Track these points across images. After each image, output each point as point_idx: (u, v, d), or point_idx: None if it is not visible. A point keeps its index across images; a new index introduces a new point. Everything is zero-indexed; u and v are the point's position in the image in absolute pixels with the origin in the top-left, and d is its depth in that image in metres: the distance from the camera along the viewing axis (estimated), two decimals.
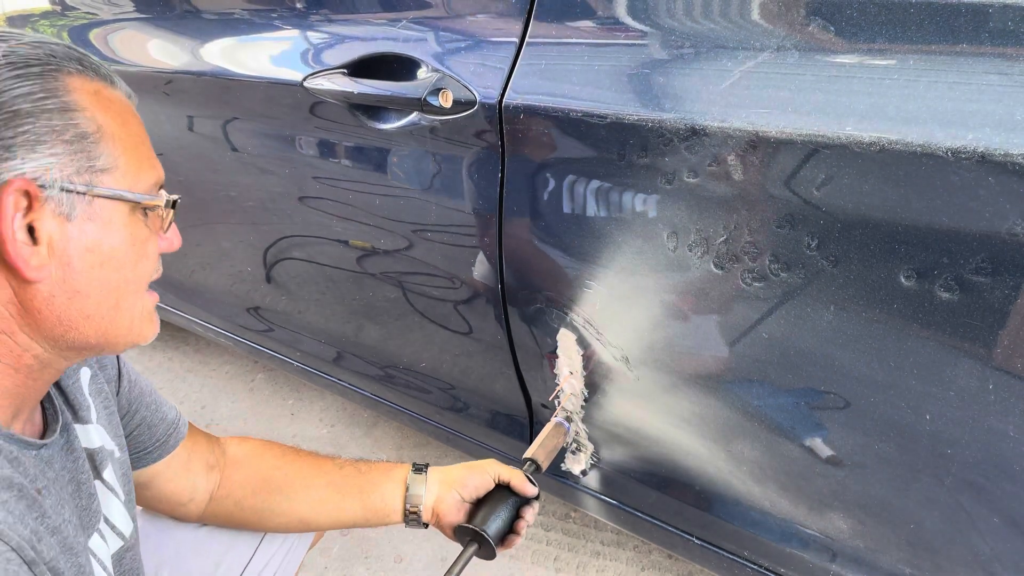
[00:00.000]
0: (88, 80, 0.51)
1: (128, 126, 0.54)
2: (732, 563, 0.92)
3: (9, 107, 0.46)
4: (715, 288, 0.69)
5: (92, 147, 0.50)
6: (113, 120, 0.52)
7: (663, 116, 0.65)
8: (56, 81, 0.49)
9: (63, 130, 0.48)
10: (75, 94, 0.50)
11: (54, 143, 0.48)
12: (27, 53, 0.48)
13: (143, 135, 0.56)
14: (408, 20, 0.87)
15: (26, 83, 0.47)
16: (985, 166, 0.51)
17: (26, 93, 0.47)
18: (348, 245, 1.07)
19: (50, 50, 0.50)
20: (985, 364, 0.57)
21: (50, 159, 0.48)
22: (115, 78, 0.55)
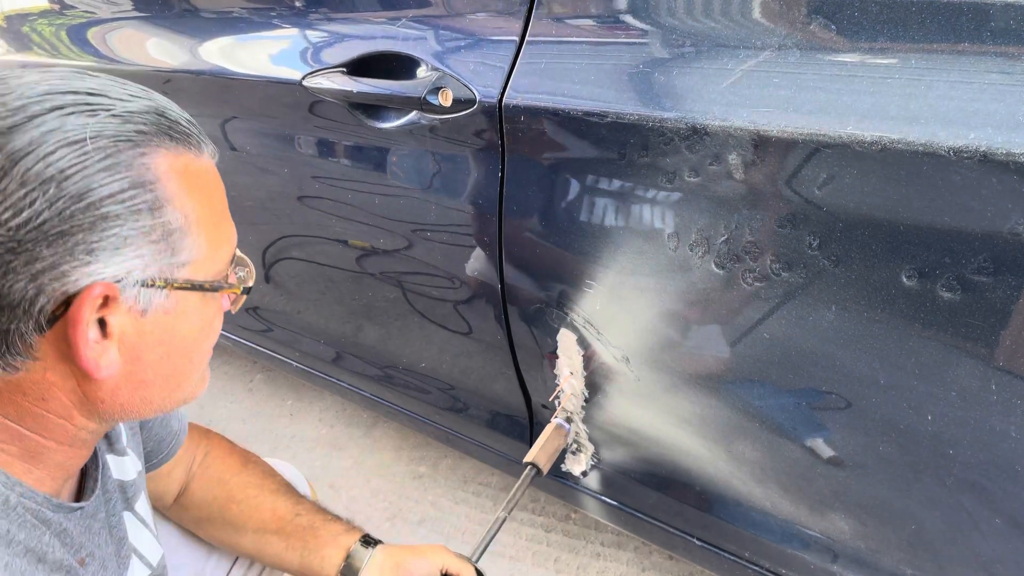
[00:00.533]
0: (177, 156, 0.47)
1: (212, 202, 0.50)
2: (733, 564, 0.92)
3: (97, 208, 0.42)
4: (716, 288, 0.69)
5: (177, 242, 0.47)
6: (199, 202, 0.48)
7: (664, 115, 0.65)
8: (147, 170, 0.45)
9: (151, 230, 0.45)
10: (165, 181, 0.46)
11: (140, 244, 0.45)
12: (115, 132, 0.44)
13: (223, 203, 0.53)
14: (408, 19, 0.87)
15: (116, 178, 0.43)
16: (987, 165, 0.51)
17: (116, 192, 0.43)
18: (347, 245, 1.06)
19: (140, 123, 0.45)
20: (987, 364, 0.57)
21: (134, 261, 0.45)
22: (201, 139, 0.51)
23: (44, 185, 0.41)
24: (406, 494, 1.50)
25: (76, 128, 0.42)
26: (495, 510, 1.45)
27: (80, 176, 0.42)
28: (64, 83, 0.44)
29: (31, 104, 0.42)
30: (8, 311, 0.42)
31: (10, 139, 0.41)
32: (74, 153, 0.42)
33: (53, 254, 0.42)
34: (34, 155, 0.41)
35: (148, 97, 0.48)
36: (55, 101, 0.43)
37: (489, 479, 1.52)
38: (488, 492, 1.49)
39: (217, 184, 0.52)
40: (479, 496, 1.49)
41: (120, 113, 0.44)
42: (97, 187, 0.42)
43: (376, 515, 1.45)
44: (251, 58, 1.03)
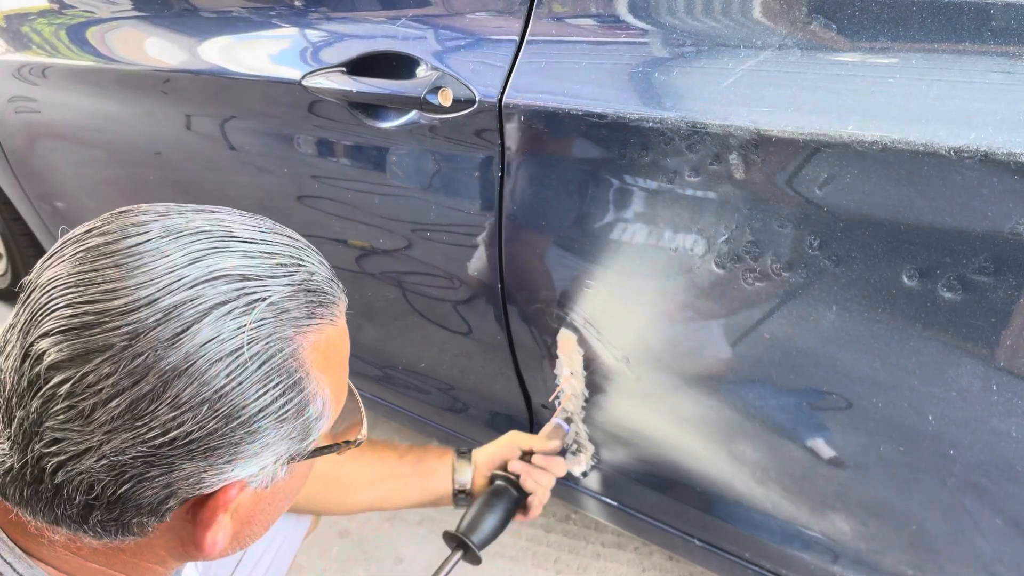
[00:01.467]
0: (320, 334, 0.44)
1: (342, 370, 0.48)
2: (733, 565, 0.92)
3: (248, 426, 0.39)
4: (716, 288, 0.69)
5: (312, 425, 0.44)
6: (334, 378, 0.46)
7: (664, 115, 0.65)
8: (296, 369, 0.41)
9: (294, 429, 0.42)
10: (312, 374, 0.43)
11: (281, 443, 0.42)
12: (272, 331, 0.40)
13: (346, 361, 0.49)
14: (407, 18, 0.87)
15: (269, 388, 0.40)
16: (988, 165, 0.51)
17: (268, 405, 0.40)
18: (347, 245, 1.06)
19: (295, 310, 0.42)
20: (988, 364, 0.57)
21: (271, 458, 0.42)
22: (338, 296, 0.47)
23: (197, 408, 0.37)
24: None
25: (232, 335, 0.38)
26: None
27: (235, 394, 0.38)
28: (214, 257, 0.39)
29: (185, 308, 0.37)
30: (134, 511, 0.40)
31: (164, 356, 0.37)
32: (230, 368, 0.38)
33: (194, 467, 0.39)
34: (188, 375, 0.37)
35: (297, 261, 0.44)
36: (209, 296, 0.38)
37: None
38: None
39: (346, 345, 0.49)
40: None
41: (275, 301, 0.41)
42: (251, 403, 0.39)
43: (376, 516, 1.45)
44: (250, 57, 1.02)
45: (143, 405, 0.37)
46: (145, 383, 0.36)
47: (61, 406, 0.37)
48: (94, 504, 0.39)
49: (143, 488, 0.39)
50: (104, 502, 0.39)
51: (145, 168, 1.29)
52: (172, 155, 1.22)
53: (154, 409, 0.37)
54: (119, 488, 0.38)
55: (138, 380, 0.36)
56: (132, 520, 0.40)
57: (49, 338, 0.37)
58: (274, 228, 0.47)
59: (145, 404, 0.37)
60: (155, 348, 0.36)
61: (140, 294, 0.37)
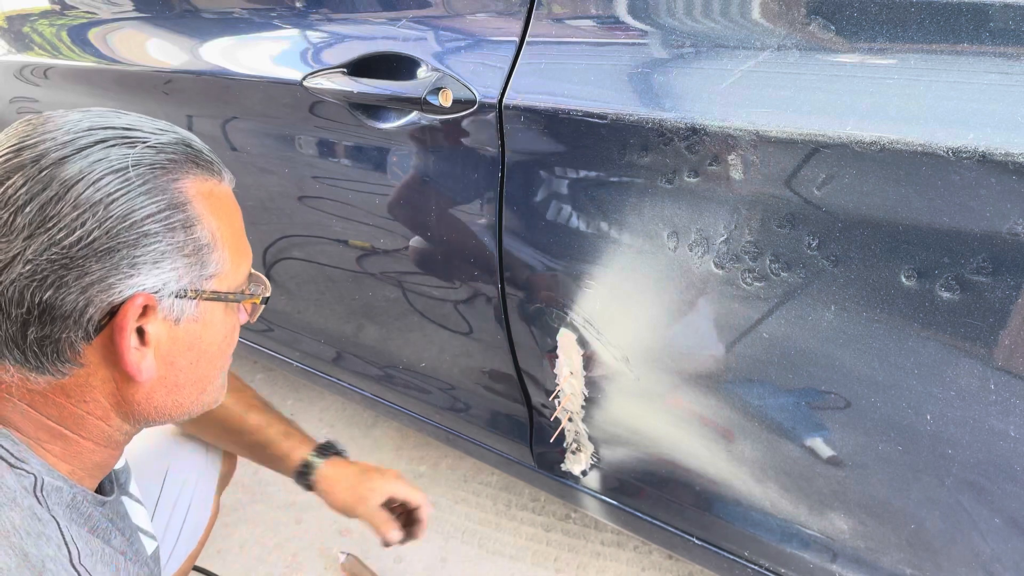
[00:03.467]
0: (203, 181, 0.54)
1: (232, 222, 0.56)
2: (732, 563, 0.92)
3: (139, 227, 0.48)
4: (715, 288, 0.69)
5: (206, 256, 0.53)
6: (223, 222, 0.55)
7: (663, 115, 0.65)
8: (179, 192, 0.51)
9: (184, 245, 0.51)
10: (195, 203, 0.52)
11: (176, 258, 0.51)
12: (152, 161, 0.50)
13: (241, 224, 0.59)
14: (408, 19, 0.87)
15: (154, 200, 0.49)
16: (986, 166, 0.51)
17: (154, 212, 0.49)
18: (348, 245, 1.07)
19: (172, 152, 0.52)
20: (986, 364, 0.57)
21: (171, 273, 0.50)
22: (221, 168, 0.58)
23: (94, 208, 0.46)
24: None
25: (119, 158, 0.48)
26: (494, 508, 1.45)
27: (125, 199, 0.48)
28: (104, 120, 0.50)
29: (79, 138, 0.48)
30: (60, 321, 0.48)
31: (63, 168, 0.47)
32: (119, 179, 0.48)
33: (101, 268, 0.47)
34: (84, 182, 0.46)
35: (174, 131, 0.54)
36: (99, 135, 0.49)
37: (489, 478, 1.53)
38: (488, 491, 1.50)
39: (236, 207, 0.58)
40: (479, 495, 1.49)
41: (154, 144, 0.51)
42: (139, 208, 0.48)
43: None
44: (252, 59, 1.03)
45: (51, 208, 0.46)
46: (50, 189, 0.46)
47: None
48: (28, 319, 0.47)
49: (64, 294, 0.47)
50: (36, 314, 0.47)
51: None
52: None
53: (60, 210, 0.46)
54: (44, 294, 0.46)
55: (45, 187, 0.46)
56: (62, 336, 0.48)
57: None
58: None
59: (52, 206, 0.46)
60: (56, 164, 0.47)
61: (45, 135, 0.48)
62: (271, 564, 1.36)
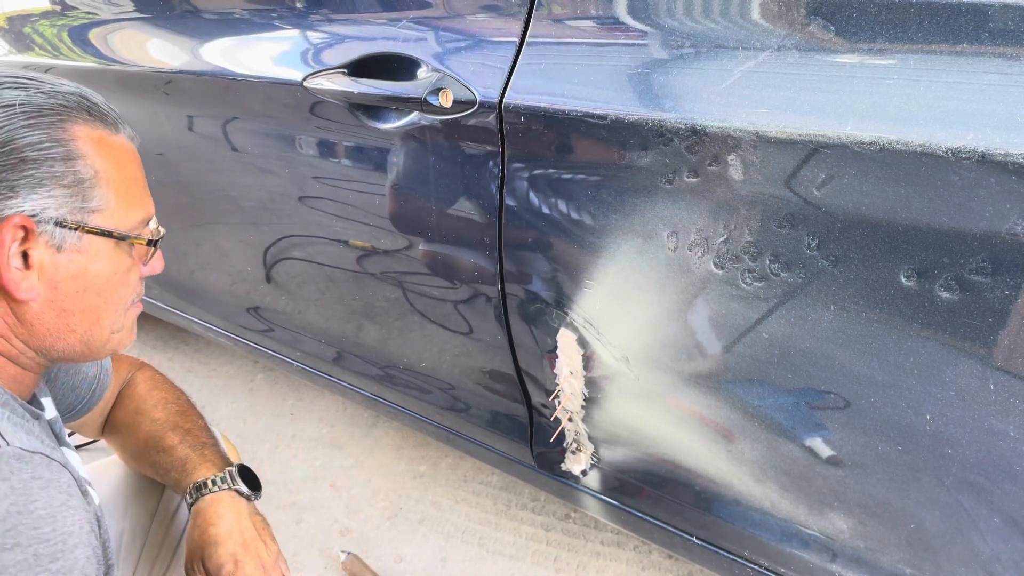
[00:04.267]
0: (93, 128, 0.57)
1: (124, 170, 0.60)
2: (732, 563, 0.92)
3: (18, 153, 0.52)
4: (715, 288, 0.69)
5: (88, 190, 0.56)
6: (111, 165, 0.58)
7: (663, 116, 0.65)
8: (63, 131, 0.55)
9: (63, 175, 0.55)
10: (79, 142, 0.56)
11: (54, 186, 0.54)
12: (41, 103, 0.54)
13: (138, 176, 0.63)
14: (408, 20, 0.87)
15: (35, 132, 0.53)
16: (985, 166, 0.51)
17: (35, 142, 0.53)
18: (348, 245, 1.07)
19: (63, 100, 0.56)
20: (985, 364, 0.57)
21: (48, 200, 0.54)
22: (120, 124, 0.61)
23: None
24: (406, 493, 1.50)
25: (9, 97, 0.53)
26: (494, 508, 1.45)
27: (6, 130, 0.52)
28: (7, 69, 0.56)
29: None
30: None
31: None
32: (4, 114, 0.52)
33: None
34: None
35: (76, 86, 0.58)
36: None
37: (489, 478, 1.53)
38: (488, 491, 1.50)
39: (130, 157, 0.62)
40: (479, 495, 1.49)
41: (48, 91, 0.55)
42: (19, 138, 0.52)
43: (377, 514, 1.45)
44: (252, 59, 1.03)
45: None
46: None
47: None
48: None
49: None
50: None
51: (147, 169, 1.29)
52: (174, 156, 1.22)
53: None
54: None
55: None
56: None
57: None
58: None
59: None
60: None
61: None
62: None
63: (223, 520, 0.76)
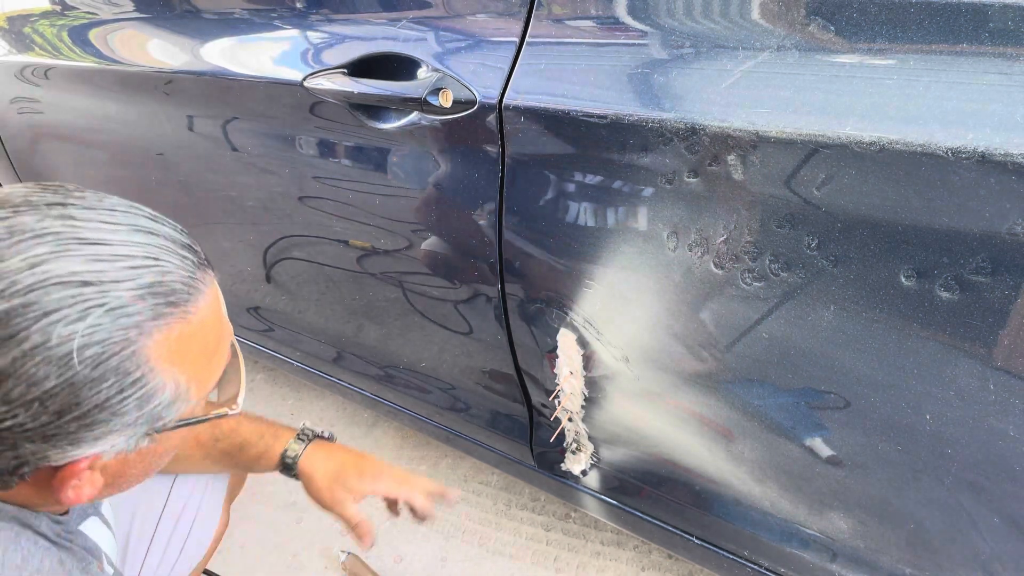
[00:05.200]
0: (170, 331, 0.45)
1: (204, 353, 0.49)
2: (732, 563, 0.92)
3: (83, 419, 0.42)
4: (715, 288, 0.69)
5: (164, 410, 0.47)
6: (190, 365, 0.47)
7: (663, 116, 0.65)
8: (137, 366, 0.43)
9: (137, 418, 0.45)
10: (156, 368, 0.44)
11: (125, 429, 0.45)
12: (107, 335, 0.42)
13: (217, 338, 0.51)
14: (408, 20, 0.87)
15: (103, 387, 0.42)
16: (985, 166, 0.51)
17: (102, 402, 0.42)
18: (348, 245, 1.07)
19: (135, 314, 0.43)
20: (985, 364, 0.57)
21: (120, 437, 0.45)
22: (196, 292, 0.47)
23: (27, 405, 0.40)
24: None
25: (62, 340, 0.40)
26: (494, 508, 1.45)
27: (66, 394, 0.41)
28: (54, 263, 0.40)
29: (15, 314, 0.39)
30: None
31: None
32: (60, 370, 0.40)
33: (36, 448, 0.42)
34: (15, 377, 0.39)
35: (152, 260, 0.44)
36: (43, 303, 0.40)
37: (489, 478, 1.53)
38: (488, 491, 1.50)
39: (209, 333, 0.49)
40: (479, 495, 1.49)
41: (114, 307, 0.42)
42: (83, 401, 0.41)
43: (377, 513, 1.45)
44: (252, 59, 1.03)
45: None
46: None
47: None
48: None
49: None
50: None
51: (147, 169, 1.29)
52: (174, 156, 1.22)
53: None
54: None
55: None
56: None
57: None
58: (136, 224, 0.46)
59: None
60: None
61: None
62: (271, 564, 1.36)
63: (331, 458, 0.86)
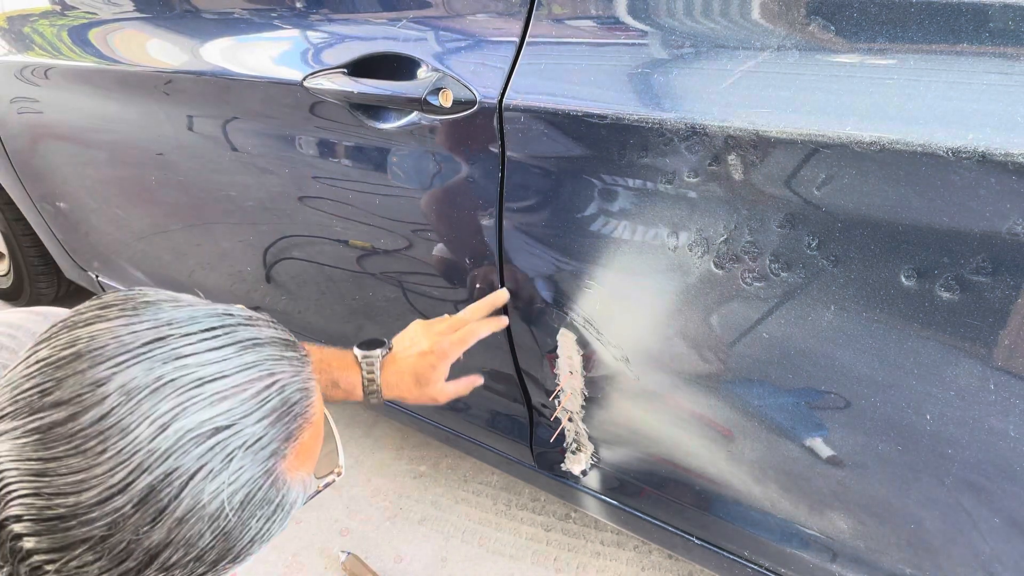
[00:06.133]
0: (300, 444, 0.45)
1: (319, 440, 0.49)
2: (732, 563, 0.92)
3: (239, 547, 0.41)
4: (715, 288, 0.69)
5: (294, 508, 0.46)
6: (313, 460, 0.48)
7: (663, 116, 0.65)
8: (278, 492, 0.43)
9: (281, 527, 0.45)
10: (289, 483, 0.44)
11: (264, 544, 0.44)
12: (250, 477, 0.40)
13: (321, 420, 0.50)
14: (408, 20, 0.87)
15: (253, 524, 0.41)
16: (986, 166, 0.51)
17: (253, 536, 0.42)
18: (348, 245, 1.07)
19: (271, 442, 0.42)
20: (986, 364, 0.57)
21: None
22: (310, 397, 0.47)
23: (184, 566, 0.39)
24: (406, 493, 1.50)
25: (212, 496, 0.38)
26: (494, 508, 1.45)
27: (221, 544, 0.40)
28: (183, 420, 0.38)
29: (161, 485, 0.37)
30: None
31: (146, 538, 0.37)
32: (212, 524, 0.39)
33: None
34: (173, 546, 0.38)
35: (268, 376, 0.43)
36: (185, 465, 0.37)
37: (489, 478, 1.53)
38: (488, 491, 1.50)
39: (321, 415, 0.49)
40: (479, 495, 1.49)
41: (251, 444, 0.40)
42: (236, 544, 0.41)
43: (377, 514, 1.45)
44: (252, 59, 1.03)
45: (132, 574, 0.38)
46: (132, 559, 0.37)
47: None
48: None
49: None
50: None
51: (147, 169, 1.29)
52: (174, 156, 1.22)
53: (144, 573, 0.38)
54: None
55: (124, 559, 0.37)
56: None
57: (22, 523, 0.36)
58: (239, 339, 0.44)
59: (134, 573, 0.38)
60: (136, 532, 0.37)
61: (111, 482, 0.36)
62: (271, 564, 1.36)
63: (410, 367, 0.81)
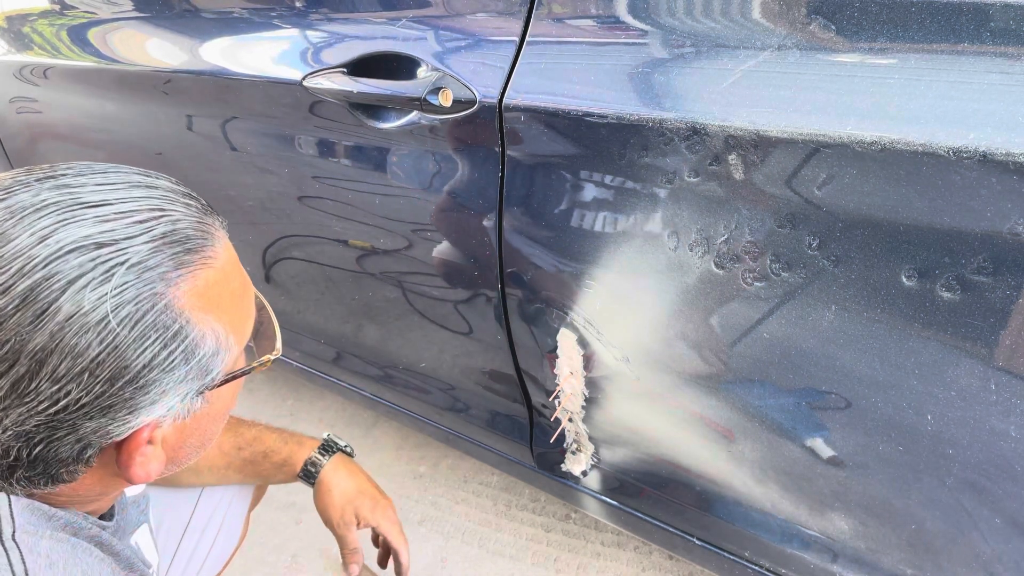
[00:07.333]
0: (195, 279, 0.44)
1: (234, 300, 0.48)
2: (733, 564, 0.92)
3: (135, 383, 0.42)
4: (716, 288, 0.69)
5: (211, 361, 0.46)
6: (225, 312, 0.47)
7: (664, 115, 0.65)
8: (174, 319, 0.42)
9: (187, 372, 0.45)
10: (192, 319, 0.44)
11: (178, 386, 0.44)
12: (136, 294, 0.41)
13: (242, 284, 0.50)
14: (408, 19, 0.87)
15: (148, 345, 0.41)
16: (987, 165, 0.51)
17: (150, 360, 0.42)
18: (348, 245, 1.06)
19: (156, 266, 0.42)
20: (987, 364, 0.57)
21: (174, 398, 0.45)
22: (211, 237, 0.47)
23: (77, 378, 0.39)
24: (406, 493, 1.50)
25: (95, 305, 0.39)
26: (494, 509, 1.45)
27: (112, 359, 0.40)
28: (63, 231, 0.39)
29: (40, 288, 0.38)
30: (56, 464, 0.43)
31: (29, 339, 0.38)
32: (101, 336, 0.39)
33: (96, 424, 0.42)
34: (58, 352, 0.39)
35: (158, 211, 0.44)
36: (64, 271, 0.39)
37: (489, 478, 1.53)
38: (488, 491, 1.50)
39: (235, 279, 0.49)
40: (479, 496, 1.49)
41: (134, 263, 0.41)
42: (131, 363, 0.41)
43: None
44: (251, 58, 1.03)
45: (24, 384, 0.39)
46: (19, 365, 0.39)
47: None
48: (16, 465, 0.42)
49: (56, 446, 0.42)
50: (23, 463, 0.42)
51: (147, 168, 1.29)
52: (173, 155, 1.22)
53: (36, 386, 0.39)
54: (33, 450, 0.42)
55: (12, 364, 0.39)
56: (59, 471, 0.44)
57: None
58: (132, 180, 0.46)
59: (26, 383, 0.39)
60: (19, 333, 0.38)
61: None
62: (271, 564, 1.36)
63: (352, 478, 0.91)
